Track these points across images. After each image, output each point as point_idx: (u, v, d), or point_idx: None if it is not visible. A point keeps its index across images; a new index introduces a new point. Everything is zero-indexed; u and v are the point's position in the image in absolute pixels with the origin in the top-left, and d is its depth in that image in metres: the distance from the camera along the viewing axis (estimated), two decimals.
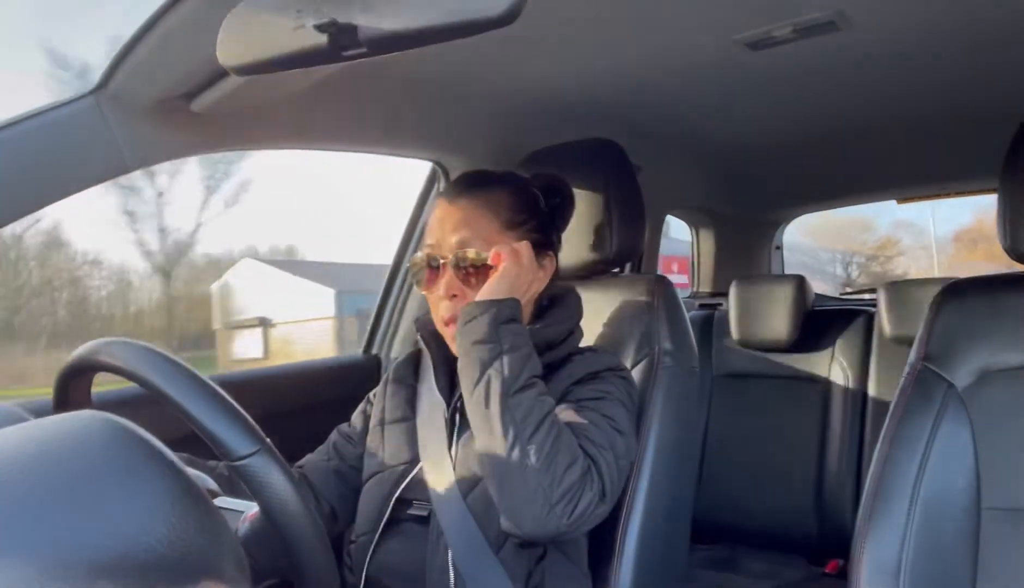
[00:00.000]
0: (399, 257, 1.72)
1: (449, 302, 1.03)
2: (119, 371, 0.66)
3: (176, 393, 0.63)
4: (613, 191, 1.29)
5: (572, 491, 0.89)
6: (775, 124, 1.86)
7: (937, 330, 1.05)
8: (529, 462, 0.88)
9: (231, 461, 0.63)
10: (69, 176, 0.97)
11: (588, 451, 0.93)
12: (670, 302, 1.27)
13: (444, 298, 1.03)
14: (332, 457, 1.16)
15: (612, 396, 1.02)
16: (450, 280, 1.03)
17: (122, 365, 0.66)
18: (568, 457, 0.90)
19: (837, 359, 2.12)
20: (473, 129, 1.57)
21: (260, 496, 0.64)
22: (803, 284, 2.16)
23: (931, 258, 10.30)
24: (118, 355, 0.66)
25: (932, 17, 1.24)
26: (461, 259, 1.02)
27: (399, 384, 1.16)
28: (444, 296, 1.03)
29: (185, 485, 0.45)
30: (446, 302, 1.03)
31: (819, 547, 2.08)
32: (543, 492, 0.87)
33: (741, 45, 1.31)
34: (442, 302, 1.04)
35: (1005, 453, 0.96)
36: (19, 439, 0.43)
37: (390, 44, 0.62)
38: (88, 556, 0.39)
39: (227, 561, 0.45)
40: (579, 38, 1.27)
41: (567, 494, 0.88)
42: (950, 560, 0.95)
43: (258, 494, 0.64)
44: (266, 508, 0.65)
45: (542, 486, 0.87)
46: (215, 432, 0.63)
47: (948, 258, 10.27)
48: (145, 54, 0.93)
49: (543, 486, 0.87)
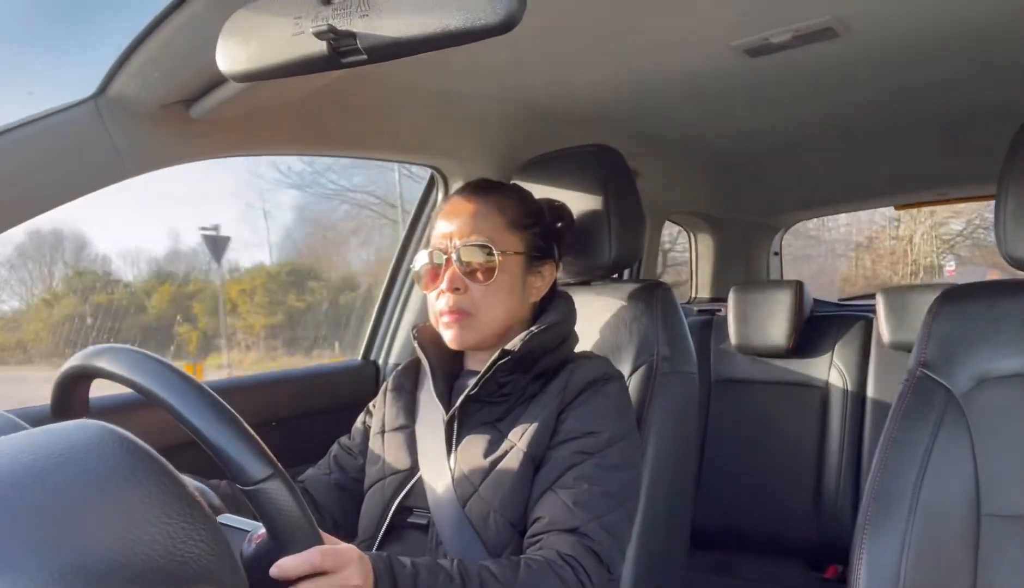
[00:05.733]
0: (397, 263, 1.71)
1: (452, 294, 1.05)
2: (126, 382, 0.64)
3: (187, 411, 0.61)
4: (612, 197, 1.29)
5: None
6: (773, 130, 1.86)
7: (935, 336, 1.05)
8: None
9: (243, 486, 0.62)
10: (68, 182, 0.97)
11: (575, 555, 0.92)
12: (668, 308, 1.27)
13: (446, 291, 1.05)
14: (333, 470, 1.16)
15: (604, 436, 1.01)
16: (454, 274, 1.05)
17: (131, 376, 0.63)
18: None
19: (836, 365, 2.12)
20: (472, 135, 1.58)
21: (270, 521, 0.63)
22: (802, 290, 2.17)
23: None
24: (124, 364, 0.64)
25: (930, 23, 1.24)
26: (467, 248, 1.05)
27: (398, 392, 1.16)
28: (447, 289, 1.05)
29: (181, 495, 0.45)
30: (448, 294, 1.05)
31: (818, 553, 2.08)
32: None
33: (740, 51, 1.31)
34: (443, 295, 1.05)
35: (1004, 459, 0.96)
36: (16, 448, 0.43)
37: (390, 51, 0.62)
38: (85, 565, 0.38)
39: (224, 570, 0.45)
40: (578, 44, 1.27)
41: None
42: (949, 566, 0.94)
43: (268, 519, 0.63)
44: (275, 533, 0.64)
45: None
46: (228, 455, 0.61)
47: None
48: (145, 59, 0.93)
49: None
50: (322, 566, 0.67)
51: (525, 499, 0.99)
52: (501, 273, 1.05)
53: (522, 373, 1.05)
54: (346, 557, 0.71)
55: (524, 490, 0.99)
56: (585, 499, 0.96)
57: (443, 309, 1.06)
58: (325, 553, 0.66)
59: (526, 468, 1.00)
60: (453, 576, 0.85)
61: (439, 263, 1.07)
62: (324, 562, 0.67)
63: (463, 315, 1.05)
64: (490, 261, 1.05)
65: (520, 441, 1.01)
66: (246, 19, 0.69)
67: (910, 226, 8.48)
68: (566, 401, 1.03)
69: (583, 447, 1.00)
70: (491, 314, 1.06)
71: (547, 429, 1.01)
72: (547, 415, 1.02)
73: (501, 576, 0.87)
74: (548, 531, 0.95)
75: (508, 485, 0.99)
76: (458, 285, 1.05)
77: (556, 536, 0.94)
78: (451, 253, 1.06)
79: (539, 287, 1.12)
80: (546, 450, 1.01)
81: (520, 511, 0.99)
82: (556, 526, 0.94)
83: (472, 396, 1.04)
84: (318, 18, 0.63)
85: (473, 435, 1.04)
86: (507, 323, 1.08)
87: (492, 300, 1.06)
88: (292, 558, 0.65)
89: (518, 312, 1.10)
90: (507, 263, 1.06)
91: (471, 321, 1.05)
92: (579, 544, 0.93)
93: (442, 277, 1.06)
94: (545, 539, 0.94)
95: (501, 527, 0.98)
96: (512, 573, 0.88)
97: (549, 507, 0.96)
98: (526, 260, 1.10)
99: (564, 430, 1.01)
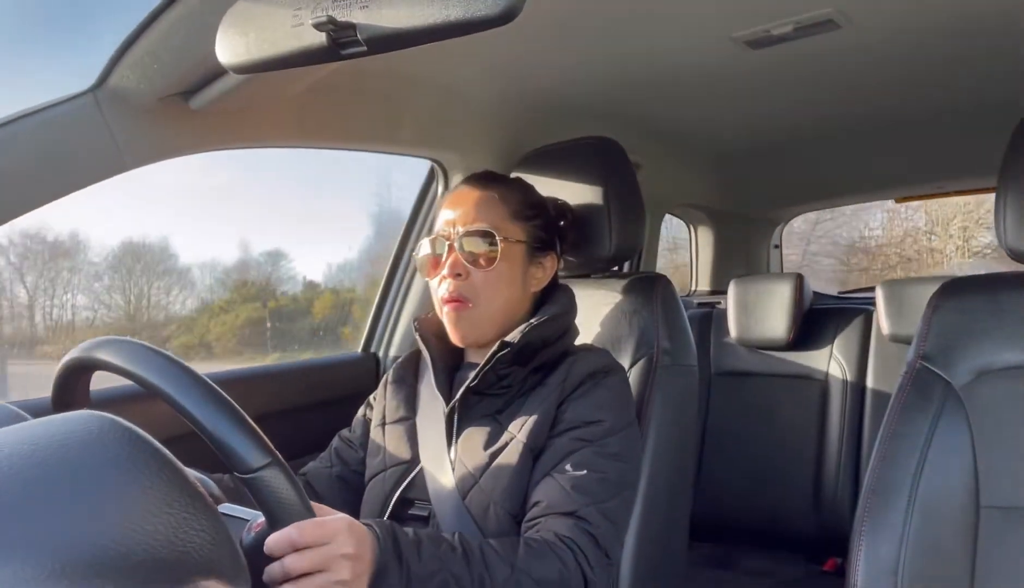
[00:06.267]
0: (398, 255, 1.72)
1: (453, 280, 1.05)
2: (126, 373, 0.64)
3: (186, 401, 0.61)
4: (612, 189, 1.29)
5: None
6: (774, 122, 1.86)
7: (935, 329, 1.05)
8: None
9: (241, 474, 0.62)
10: (67, 174, 0.97)
11: (573, 537, 0.93)
12: (668, 300, 1.27)
13: (448, 276, 1.05)
14: (335, 463, 1.16)
15: (604, 425, 1.01)
16: (455, 260, 1.05)
17: (131, 368, 0.64)
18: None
19: (835, 357, 2.12)
20: (473, 127, 1.57)
21: (269, 509, 0.64)
22: (802, 283, 2.17)
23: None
24: (124, 356, 0.65)
25: (931, 15, 1.24)
26: (469, 235, 1.05)
27: (399, 384, 1.16)
28: (449, 274, 1.05)
29: (183, 485, 0.45)
30: (450, 280, 1.05)
31: (817, 545, 2.08)
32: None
33: (741, 43, 1.31)
34: (445, 281, 1.06)
35: (1003, 452, 0.96)
36: (17, 439, 0.43)
37: (389, 43, 0.62)
38: (87, 556, 0.39)
39: (225, 560, 0.45)
40: (578, 36, 1.27)
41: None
42: (948, 558, 0.95)
43: (267, 507, 0.64)
44: (273, 521, 0.64)
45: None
46: (225, 443, 0.61)
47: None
48: (143, 52, 0.93)
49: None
50: (301, 541, 0.66)
51: (525, 490, 1.00)
52: (502, 261, 1.06)
53: (522, 365, 1.05)
54: (332, 528, 0.70)
55: (524, 482, 1.00)
56: (583, 484, 0.96)
57: (444, 296, 1.06)
58: (302, 528, 0.65)
59: (526, 460, 1.00)
60: (455, 547, 0.86)
61: (441, 251, 1.07)
62: (303, 537, 0.66)
63: (463, 303, 1.05)
64: (492, 249, 1.05)
65: (520, 433, 1.01)
66: (245, 11, 0.69)
67: (943, 239, 8.67)
68: (566, 392, 1.03)
69: (583, 435, 1.00)
70: (492, 302, 1.06)
71: (547, 421, 1.02)
72: (547, 407, 1.02)
73: (502, 551, 0.88)
74: (546, 514, 0.95)
75: (508, 477, 0.99)
76: (459, 271, 1.05)
77: (554, 519, 0.94)
78: (454, 240, 1.06)
79: (540, 278, 1.12)
80: (546, 440, 1.01)
81: (520, 502, 0.99)
82: (554, 510, 0.95)
83: (472, 388, 1.04)
84: (317, 9, 0.63)
85: (473, 427, 1.05)
86: (507, 313, 1.08)
87: (493, 287, 1.06)
88: (272, 536, 0.65)
89: (518, 303, 1.10)
90: (509, 251, 1.07)
91: (472, 311, 1.05)
92: (577, 527, 0.94)
93: (444, 263, 1.06)
94: (543, 522, 0.95)
95: (501, 518, 0.98)
96: (512, 550, 0.89)
97: (547, 491, 0.97)
98: (528, 250, 1.10)
99: (564, 420, 1.02)
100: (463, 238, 1.05)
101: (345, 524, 0.73)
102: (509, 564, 0.87)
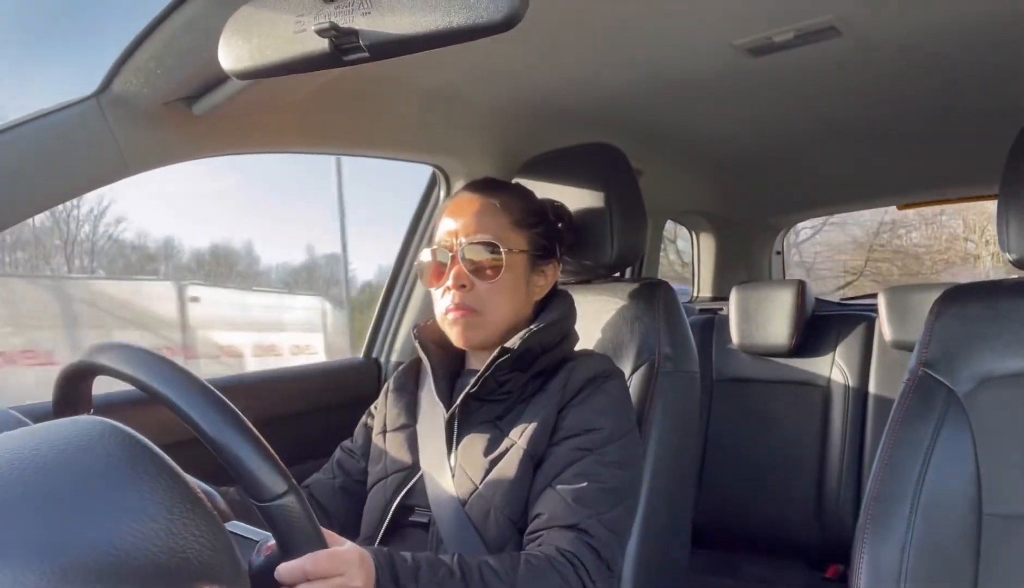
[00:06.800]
0: (400, 261, 1.72)
1: (457, 291, 1.05)
2: (140, 385, 0.62)
3: (203, 420, 0.60)
4: (614, 195, 1.29)
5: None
6: (776, 129, 1.86)
7: (937, 336, 1.05)
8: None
9: (259, 502, 0.61)
10: (70, 179, 0.97)
11: (574, 551, 0.92)
12: (670, 307, 1.27)
13: (452, 288, 1.05)
14: (337, 474, 1.16)
15: (604, 432, 1.01)
16: (459, 271, 1.05)
17: (147, 381, 0.61)
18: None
19: (838, 364, 2.12)
20: (474, 133, 1.58)
21: (283, 537, 0.63)
22: (804, 289, 2.16)
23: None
24: (138, 366, 0.62)
25: (933, 22, 1.24)
26: (472, 246, 1.05)
27: (400, 392, 1.16)
28: (452, 285, 1.05)
29: (183, 491, 0.45)
30: (453, 291, 1.05)
31: (819, 552, 2.08)
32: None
33: (742, 50, 1.31)
34: (449, 292, 1.05)
35: (1006, 459, 0.96)
36: (18, 444, 0.43)
37: (392, 49, 0.62)
38: (86, 560, 0.38)
39: (224, 566, 0.45)
40: (581, 43, 1.27)
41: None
42: (951, 566, 0.94)
43: (281, 535, 0.63)
44: (286, 547, 0.64)
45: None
46: (246, 470, 0.60)
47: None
48: (147, 57, 0.93)
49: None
50: (314, 573, 0.66)
51: (525, 497, 1.00)
52: (506, 271, 1.06)
53: (522, 371, 1.05)
54: (344, 559, 0.71)
55: (524, 488, 0.99)
56: (585, 495, 0.96)
57: (449, 306, 1.06)
58: (317, 559, 0.66)
59: (526, 466, 1.00)
60: (454, 571, 0.85)
61: (444, 261, 1.07)
62: (316, 568, 0.66)
63: (469, 312, 1.05)
64: (496, 259, 1.05)
65: (520, 439, 1.01)
66: (248, 16, 0.69)
67: (979, 245, 8.87)
68: (566, 398, 1.03)
69: (583, 444, 1.00)
70: (496, 312, 1.06)
71: (547, 427, 1.01)
72: (547, 413, 1.02)
73: (501, 571, 0.87)
74: (548, 527, 0.95)
75: (508, 483, 0.99)
76: (464, 282, 1.05)
77: (556, 532, 0.94)
78: (456, 251, 1.06)
79: (542, 286, 1.13)
80: (546, 447, 1.01)
81: (520, 508, 0.99)
82: (556, 522, 0.95)
83: (473, 394, 1.04)
84: (320, 15, 0.63)
85: (474, 433, 1.04)
86: (512, 321, 1.08)
87: (497, 298, 1.06)
88: (285, 565, 0.65)
89: (522, 310, 1.10)
90: (512, 261, 1.06)
91: (477, 319, 1.05)
92: (578, 540, 0.93)
93: (447, 274, 1.06)
94: (545, 535, 0.94)
95: (502, 524, 0.98)
96: (512, 568, 0.88)
97: (549, 503, 0.96)
98: (530, 259, 1.10)
99: (564, 427, 1.01)
100: (466, 249, 1.05)
101: (356, 556, 0.74)
102: (509, 585, 0.87)
